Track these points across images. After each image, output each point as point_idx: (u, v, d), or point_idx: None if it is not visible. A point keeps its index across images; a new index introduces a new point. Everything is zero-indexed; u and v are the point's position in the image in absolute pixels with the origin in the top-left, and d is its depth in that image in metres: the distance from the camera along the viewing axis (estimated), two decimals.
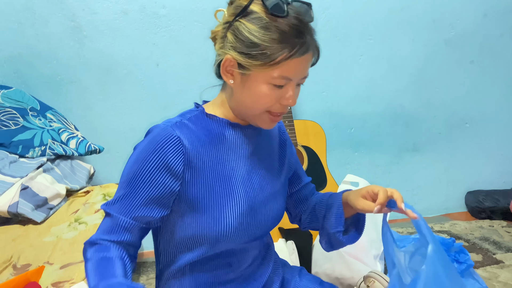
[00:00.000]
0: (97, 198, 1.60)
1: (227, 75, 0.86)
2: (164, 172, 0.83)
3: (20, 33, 1.90)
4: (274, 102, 0.85)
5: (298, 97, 0.90)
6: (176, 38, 2.04)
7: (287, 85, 0.84)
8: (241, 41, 0.81)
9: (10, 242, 1.32)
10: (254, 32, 0.79)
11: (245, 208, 0.88)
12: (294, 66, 0.81)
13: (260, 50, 0.79)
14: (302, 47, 0.80)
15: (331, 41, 2.22)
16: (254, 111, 0.86)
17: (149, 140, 0.84)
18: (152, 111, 2.06)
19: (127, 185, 0.84)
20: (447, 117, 2.46)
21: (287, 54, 0.79)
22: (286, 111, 0.89)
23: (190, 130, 0.87)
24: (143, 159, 0.83)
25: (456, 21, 2.34)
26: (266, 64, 0.80)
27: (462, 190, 2.59)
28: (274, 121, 0.89)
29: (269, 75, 0.81)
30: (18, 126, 1.71)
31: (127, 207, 0.83)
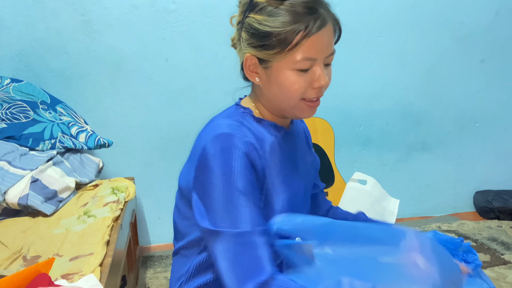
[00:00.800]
0: (106, 191, 1.61)
1: (251, 74, 0.84)
2: (254, 174, 0.78)
3: (32, 27, 1.91)
4: (305, 87, 0.81)
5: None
6: (186, 34, 2.05)
7: (314, 66, 0.80)
8: (255, 35, 0.80)
9: (20, 233, 1.33)
10: (264, 21, 0.78)
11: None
12: (314, 44, 0.77)
13: (274, 38, 0.77)
14: (317, 22, 0.77)
15: (341, 38, 2.20)
16: (289, 102, 0.83)
17: (224, 150, 0.77)
18: (161, 106, 2.07)
19: (228, 203, 0.75)
20: (457, 116, 2.44)
21: (303, 33, 0.76)
22: (321, 94, 0.84)
23: (253, 134, 0.83)
24: (230, 170, 0.75)
25: (467, 19, 2.32)
26: (284, 50, 0.77)
27: (470, 190, 2.57)
28: (313, 107, 0.84)
29: (291, 61, 0.78)
30: (28, 119, 1.73)
31: (245, 220, 0.74)
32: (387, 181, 2.41)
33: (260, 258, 0.72)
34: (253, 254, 0.72)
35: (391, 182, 2.44)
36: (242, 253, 0.72)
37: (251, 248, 0.72)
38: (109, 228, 1.33)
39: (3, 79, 1.79)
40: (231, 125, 0.82)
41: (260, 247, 0.73)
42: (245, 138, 0.79)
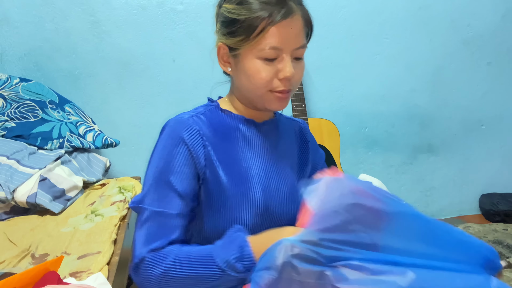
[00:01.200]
0: (113, 191, 1.63)
1: (224, 64, 0.88)
2: (191, 164, 0.83)
3: (41, 27, 1.93)
4: (270, 77, 0.82)
5: (312, 94, 0.90)
6: (193, 34, 2.06)
7: (280, 57, 0.81)
8: (224, 23, 0.84)
9: (28, 231, 1.35)
10: (233, 10, 0.81)
11: (261, 208, 0.86)
12: (280, 33, 0.79)
13: (240, 24, 0.80)
14: (282, 10, 0.78)
15: (347, 40, 2.22)
16: (256, 92, 0.84)
17: (169, 135, 0.84)
18: (168, 106, 2.08)
19: (156, 183, 0.83)
20: (463, 119, 2.44)
21: (267, 19, 0.78)
22: (289, 87, 0.84)
23: (206, 124, 0.87)
24: (167, 155, 0.82)
25: (474, 21, 2.31)
26: (250, 37, 0.79)
27: (476, 193, 2.56)
28: (281, 99, 0.85)
29: (256, 48, 0.80)
30: (37, 118, 1.75)
31: (163, 203, 0.81)
32: (393, 183, 2.41)
33: (166, 234, 0.80)
34: (162, 230, 0.80)
35: (397, 184, 2.44)
36: (154, 227, 0.80)
37: (162, 226, 0.80)
38: (116, 227, 1.35)
39: (12, 79, 1.81)
40: (186, 115, 0.88)
41: (171, 227, 0.81)
42: (192, 126, 0.84)
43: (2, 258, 1.17)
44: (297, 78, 0.85)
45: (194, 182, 0.84)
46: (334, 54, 2.22)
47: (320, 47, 2.18)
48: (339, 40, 2.20)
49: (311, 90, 2.22)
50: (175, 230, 0.81)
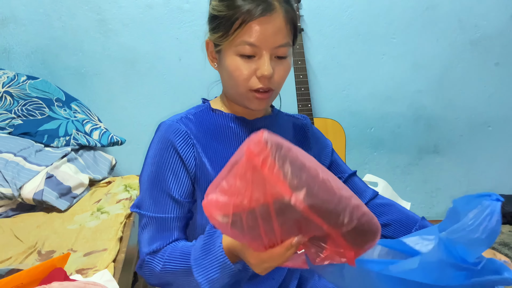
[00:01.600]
0: (119, 188, 1.63)
1: (212, 60, 0.89)
2: (181, 167, 0.84)
3: (48, 25, 1.94)
4: (248, 75, 0.81)
5: (318, 94, 0.89)
6: (199, 33, 2.06)
7: (259, 54, 0.80)
8: (208, 20, 0.85)
9: (35, 228, 1.36)
10: (215, 6, 0.82)
11: None
12: (257, 30, 0.78)
13: (220, 20, 0.81)
14: (259, 7, 0.77)
15: (353, 39, 2.21)
16: (236, 89, 0.84)
17: (159, 139, 0.86)
18: (174, 105, 2.09)
19: (152, 188, 0.85)
20: (470, 120, 2.42)
21: (244, 16, 0.77)
22: (268, 85, 0.82)
23: (195, 125, 0.88)
24: (159, 160, 0.84)
25: (482, 22, 2.30)
26: (227, 34, 0.80)
27: None
28: (261, 99, 0.84)
29: (233, 44, 0.80)
30: (44, 116, 1.75)
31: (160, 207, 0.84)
32: (398, 184, 2.40)
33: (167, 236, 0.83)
34: (163, 233, 0.83)
35: (402, 185, 2.43)
36: (155, 231, 0.83)
37: (163, 229, 0.83)
38: (122, 224, 1.35)
39: (19, 76, 1.82)
40: (176, 117, 0.89)
41: (171, 230, 0.84)
42: (180, 129, 0.85)
43: (9, 254, 1.18)
44: (278, 78, 0.83)
45: (187, 184, 0.85)
46: (340, 53, 2.21)
47: (326, 46, 2.17)
48: (345, 39, 2.20)
49: (317, 89, 2.22)
50: (173, 232, 0.84)
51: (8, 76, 1.79)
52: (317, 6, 2.12)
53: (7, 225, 1.37)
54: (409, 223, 1.00)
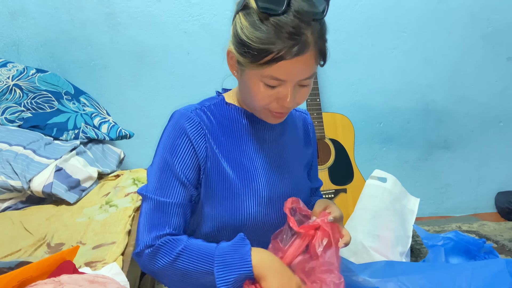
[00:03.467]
0: (127, 182, 1.64)
1: (232, 66, 0.86)
2: (193, 155, 0.85)
3: (57, 18, 1.94)
4: (270, 100, 0.81)
5: (327, 88, 0.89)
6: (208, 27, 2.05)
7: (282, 85, 0.79)
8: (235, 37, 0.80)
9: (44, 221, 1.37)
10: (245, 29, 0.77)
11: (265, 198, 0.88)
12: (286, 67, 0.75)
13: (247, 49, 0.76)
14: (294, 48, 0.73)
15: (364, 33, 2.18)
16: (254, 106, 0.85)
17: (173, 126, 0.86)
18: (182, 99, 2.08)
19: (161, 173, 0.85)
20: (481, 115, 2.39)
21: (274, 55, 0.74)
22: (286, 111, 0.84)
23: (209, 117, 0.88)
24: (170, 146, 0.85)
25: (495, 15, 2.26)
26: (254, 63, 0.77)
27: (492, 190, 2.52)
28: (277, 117, 0.86)
29: (260, 73, 0.78)
30: (53, 109, 1.76)
31: (166, 192, 0.84)
32: (407, 180, 2.38)
33: (169, 222, 0.83)
34: (164, 218, 0.83)
35: (411, 181, 2.41)
36: (157, 215, 0.83)
37: (165, 214, 0.83)
38: (131, 218, 1.35)
39: (28, 69, 1.83)
40: (191, 107, 0.89)
41: (173, 216, 0.84)
42: (194, 119, 0.85)
43: (18, 246, 1.19)
44: (298, 102, 0.84)
45: (196, 172, 0.86)
46: (350, 47, 2.19)
47: (336, 40, 2.15)
48: (355, 33, 2.17)
49: (326, 84, 2.20)
50: (178, 218, 0.84)
51: (17, 69, 1.80)
52: None
53: (16, 218, 1.38)
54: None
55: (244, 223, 0.86)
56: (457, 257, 1.42)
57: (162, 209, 0.83)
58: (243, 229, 0.86)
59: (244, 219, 0.86)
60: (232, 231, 0.87)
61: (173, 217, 0.84)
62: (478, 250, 1.50)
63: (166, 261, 0.80)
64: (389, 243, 1.61)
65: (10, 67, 1.81)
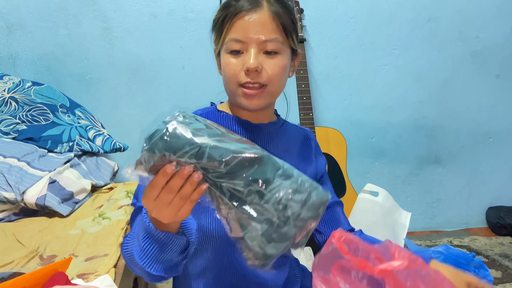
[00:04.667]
0: (121, 194, 1.64)
1: (218, 66, 0.92)
2: None
3: (54, 32, 1.97)
4: (237, 70, 0.83)
5: (320, 103, 0.91)
6: (203, 42, 2.08)
7: (245, 50, 0.83)
8: (212, 29, 0.90)
9: (37, 233, 1.36)
10: (216, 14, 0.88)
11: None
12: (241, 26, 0.82)
13: (215, 24, 0.87)
14: (245, 3, 0.82)
15: (356, 50, 2.23)
16: (229, 87, 0.86)
17: None
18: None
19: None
20: (471, 131, 2.44)
21: (230, 15, 0.82)
22: (255, 79, 0.83)
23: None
24: None
25: (483, 34, 2.32)
26: (220, 35, 0.85)
27: (483, 205, 2.55)
28: (250, 95, 0.84)
29: (224, 43, 0.85)
30: (48, 121, 1.77)
31: None
32: (399, 194, 2.41)
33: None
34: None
35: (403, 195, 2.44)
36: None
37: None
38: (123, 230, 1.36)
39: (24, 82, 1.84)
40: None
41: None
42: None
43: (11, 258, 1.19)
44: (270, 73, 0.83)
45: None
46: (342, 64, 2.23)
47: (328, 57, 2.20)
48: (348, 50, 2.22)
49: (319, 99, 2.23)
50: None
51: (13, 82, 1.81)
52: (320, 17, 2.14)
53: (9, 229, 1.38)
54: None
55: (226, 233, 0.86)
56: None
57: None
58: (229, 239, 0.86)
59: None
60: (217, 241, 0.86)
61: None
62: (468, 264, 1.51)
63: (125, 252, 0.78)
64: None
65: (6, 79, 1.82)
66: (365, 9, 2.19)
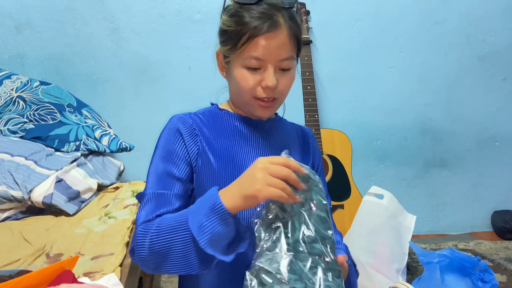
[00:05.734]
0: (126, 194, 1.65)
1: (222, 69, 0.95)
2: (184, 152, 0.89)
3: (62, 32, 1.98)
4: (253, 85, 0.86)
5: (325, 105, 0.92)
6: (209, 43, 2.09)
7: (264, 67, 0.85)
8: (219, 33, 0.91)
9: (43, 231, 1.37)
10: (225, 21, 0.87)
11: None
12: (262, 45, 0.83)
13: (228, 35, 0.86)
14: (265, 24, 0.82)
15: (362, 52, 2.23)
16: (242, 97, 0.90)
17: (168, 128, 0.92)
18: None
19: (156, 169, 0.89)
20: (477, 134, 2.43)
21: (251, 32, 0.82)
22: (271, 95, 0.88)
23: (202, 121, 0.94)
24: (165, 145, 0.90)
25: (490, 37, 2.31)
26: (235, 48, 0.85)
27: (489, 209, 2.54)
28: (265, 107, 0.90)
29: (241, 57, 0.85)
30: (55, 121, 1.79)
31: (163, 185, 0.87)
32: (404, 197, 2.40)
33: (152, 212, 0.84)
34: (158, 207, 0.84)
35: (408, 198, 2.43)
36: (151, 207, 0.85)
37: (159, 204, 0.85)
38: (129, 230, 1.36)
39: (32, 82, 1.86)
40: (186, 112, 0.96)
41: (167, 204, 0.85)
42: (187, 121, 0.91)
43: (18, 256, 1.20)
44: (283, 88, 0.88)
45: (189, 168, 0.89)
46: (348, 66, 2.23)
47: (334, 58, 2.20)
48: (354, 52, 2.22)
49: (324, 101, 2.24)
50: (173, 206, 0.85)
51: (21, 81, 1.83)
52: (326, 19, 2.15)
53: (16, 228, 1.39)
54: None
55: None
56: (452, 275, 1.43)
57: (158, 199, 0.84)
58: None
59: None
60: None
61: (170, 205, 0.84)
62: (473, 268, 1.51)
63: (143, 252, 0.77)
64: (385, 259, 1.62)
65: (14, 79, 1.84)
66: (372, 11, 2.19)
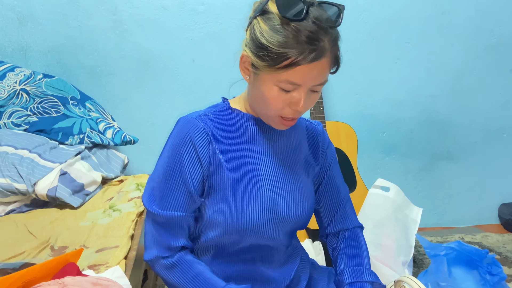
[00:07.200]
0: (131, 187, 1.64)
1: (244, 71, 0.88)
2: (197, 163, 0.85)
3: (65, 24, 1.97)
4: (283, 105, 0.82)
5: (331, 97, 0.90)
6: (213, 35, 2.07)
7: (296, 90, 0.81)
8: (253, 40, 0.81)
9: (48, 224, 1.37)
10: (264, 33, 0.78)
11: (267, 204, 0.88)
12: (302, 72, 0.77)
13: (267, 52, 0.77)
14: (312, 54, 0.76)
15: (368, 43, 2.20)
16: (266, 112, 0.86)
17: (177, 133, 0.87)
18: (186, 106, 2.10)
19: (165, 181, 0.87)
20: (484, 126, 2.40)
21: (293, 59, 0.76)
22: (297, 116, 0.86)
23: (214, 123, 0.90)
24: (175, 154, 0.86)
25: (498, 27, 2.27)
26: (272, 67, 0.78)
27: (496, 202, 2.52)
28: (286, 125, 0.87)
29: (276, 77, 0.79)
30: (59, 114, 1.78)
31: (171, 203, 0.86)
32: (410, 190, 2.38)
33: (177, 234, 0.88)
34: (172, 231, 0.88)
35: (414, 191, 2.41)
36: (159, 230, 0.88)
37: (172, 227, 0.88)
38: (134, 222, 1.36)
39: (35, 75, 1.85)
40: (196, 114, 0.90)
41: (180, 228, 0.88)
42: (198, 126, 0.86)
43: (22, 249, 1.20)
44: (307, 107, 0.85)
45: (200, 179, 0.87)
46: (353, 57, 2.21)
47: (340, 50, 2.16)
48: (359, 43, 2.19)
49: (330, 93, 2.21)
50: (184, 229, 0.89)
51: (24, 74, 1.82)
52: None
53: (20, 221, 1.39)
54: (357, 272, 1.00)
55: (246, 228, 0.86)
56: (460, 267, 1.42)
57: (167, 223, 0.87)
58: (245, 234, 0.87)
59: (246, 223, 0.86)
60: (234, 235, 0.88)
61: (177, 230, 0.88)
62: (481, 261, 1.49)
63: (179, 281, 0.87)
64: (392, 252, 1.61)
65: (17, 71, 1.83)
66: (378, 2, 2.16)
